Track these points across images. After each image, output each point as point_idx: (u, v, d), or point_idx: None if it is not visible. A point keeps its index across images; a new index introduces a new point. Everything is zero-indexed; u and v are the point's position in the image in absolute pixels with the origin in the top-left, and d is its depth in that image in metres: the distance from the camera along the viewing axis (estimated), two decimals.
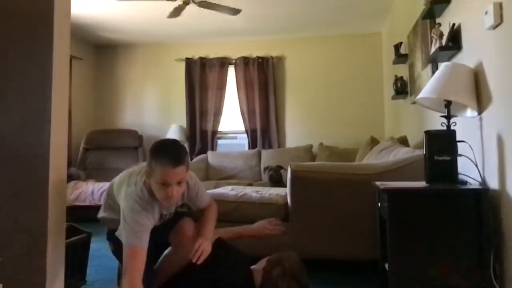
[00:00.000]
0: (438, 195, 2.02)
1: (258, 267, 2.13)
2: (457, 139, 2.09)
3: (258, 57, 6.16)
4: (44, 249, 1.80)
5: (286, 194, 2.98)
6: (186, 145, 6.31)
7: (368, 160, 3.58)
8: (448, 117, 2.15)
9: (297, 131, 6.14)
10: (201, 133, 6.26)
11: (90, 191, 5.12)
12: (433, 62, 2.92)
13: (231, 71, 6.28)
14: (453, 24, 2.51)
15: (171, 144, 1.92)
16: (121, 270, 1.88)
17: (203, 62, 6.31)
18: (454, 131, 2.10)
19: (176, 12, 4.35)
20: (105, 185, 5.22)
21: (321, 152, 5.49)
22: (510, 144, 1.83)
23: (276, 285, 2.02)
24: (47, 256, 1.80)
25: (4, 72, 1.90)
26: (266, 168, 5.04)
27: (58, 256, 1.90)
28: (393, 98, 4.53)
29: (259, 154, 5.80)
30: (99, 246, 3.06)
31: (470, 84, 2.14)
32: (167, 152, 1.83)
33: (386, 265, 2.11)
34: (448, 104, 2.14)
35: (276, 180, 4.83)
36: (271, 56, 6.15)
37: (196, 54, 6.35)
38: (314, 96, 6.12)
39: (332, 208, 2.79)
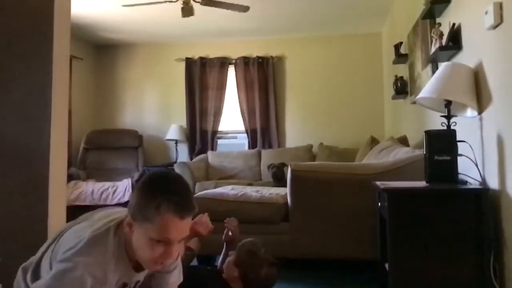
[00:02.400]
0: (438, 195, 2.02)
1: (231, 276, 2.01)
2: (457, 139, 2.09)
3: (258, 57, 6.16)
4: None
5: (286, 194, 2.98)
6: (186, 145, 6.31)
7: (368, 160, 3.58)
8: (448, 117, 2.15)
9: (297, 131, 6.14)
10: (201, 133, 6.26)
11: (90, 191, 5.12)
12: (433, 62, 2.92)
13: (231, 71, 6.28)
14: (453, 24, 2.51)
15: (178, 182, 1.28)
16: None
17: (203, 62, 6.30)
18: (454, 131, 2.10)
19: (186, 11, 4.32)
20: (105, 185, 5.22)
21: (321, 152, 5.49)
22: (510, 144, 1.83)
23: (262, 280, 1.99)
24: None
25: (4, 72, 1.90)
26: (269, 166, 5.05)
27: None
28: (393, 98, 4.53)
29: (259, 154, 5.80)
30: None
31: (470, 84, 2.14)
32: (175, 193, 1.22)
33: (386, 265, 2.11)
34: (448, 104, 2.14)
35: (280, 177, 4.84)
36: (271, 56, 6.15)
37: (196, 54, 6.35)
38: (314, 96, 6.12)
39: (332, 208, 2.79)
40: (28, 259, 1.44)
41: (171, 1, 4.09)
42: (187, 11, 4.25)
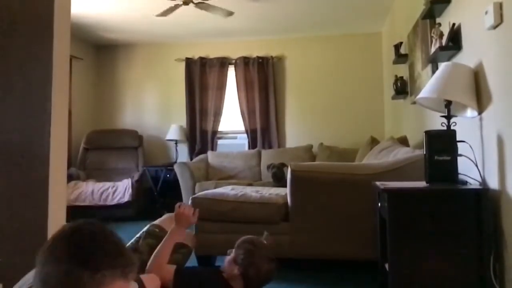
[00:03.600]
0: (438, 195, 2.02)
1: (232, 274, 1.99)
2: (457, 139, 2.09)
3: (258, 57, 6.16)
4: None
5: (286, 194, 2.98)
6: (186, 145, 6.31)
7: (368, 160, 3.58)
8: (448, 117, 2.15)
9: (297, 131, 6.14)
10: (201, 133, 6.26)
11: (90, 191, 5.13)
12: (433, 62, 2.92)
13: (231, 71, 6.28)
14: (453, 24, 2.51)
15: (108, 236, 1.00)
16: None
17: (203, 62, 6.30)
18: (454, 131, 2.10)
19: (167, 12, 4.33)
20: (105, 185, 5.23)
21: (321, 152, 5.49)
22: (510, 144, 1.83)
23: (262, 276, 1.98)
24: None
25: (4, 72, 1.90)
26: (269, 166, 5.04)
27: None
28: (393, 98, 4.53)
29: (259, 154, 5.80)
30: None
31: (470, 84, 2.14)
32: (116, 254, 0.97)
33: (386, 265, 2.11)
34: (448, 104, 2.14)
35: (279, 177, 4.84)
36: (271, 56, 6.15)
37: (196, 54, 6.35)
38: (314, 96, 6.12)
39: (332, 208, 2.79)
40: (28, 259, 1.43)
41: (186, 3, 4.13)
42: (167, 11, 4.27)
